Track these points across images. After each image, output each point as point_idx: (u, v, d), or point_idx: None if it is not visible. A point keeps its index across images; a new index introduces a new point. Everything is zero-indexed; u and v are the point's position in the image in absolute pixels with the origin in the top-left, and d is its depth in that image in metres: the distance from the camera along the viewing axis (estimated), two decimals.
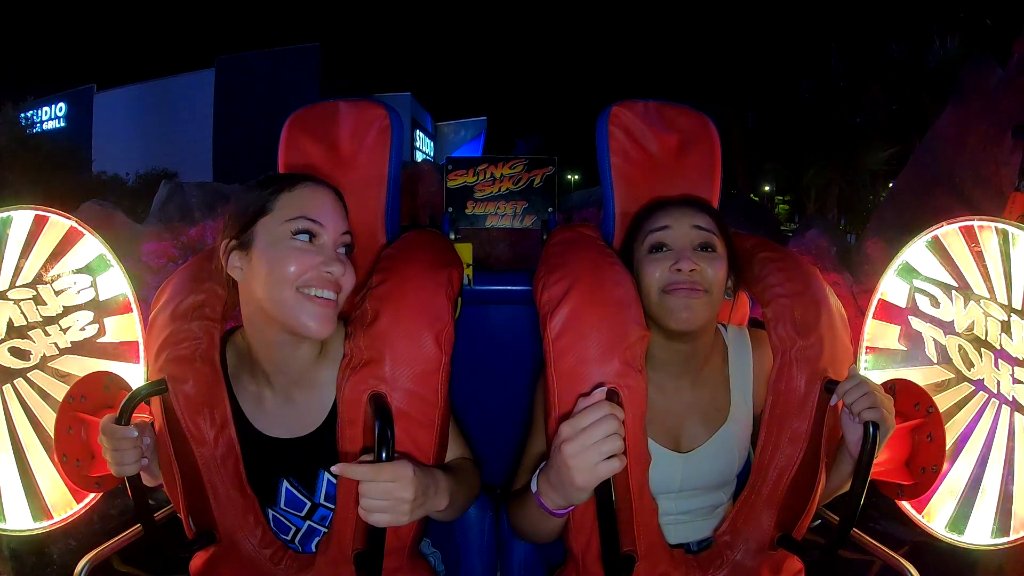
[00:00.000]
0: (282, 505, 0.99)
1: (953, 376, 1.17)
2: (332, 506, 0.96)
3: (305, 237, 0.89)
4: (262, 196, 0.91)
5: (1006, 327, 1.12)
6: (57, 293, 1.22)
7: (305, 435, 0.97)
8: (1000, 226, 1.14)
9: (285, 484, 0.98)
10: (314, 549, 1.00)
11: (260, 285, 0.89)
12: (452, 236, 1.50)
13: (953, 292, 1.18)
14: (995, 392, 1.13)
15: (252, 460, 0.97)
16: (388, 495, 0.79)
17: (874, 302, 1.27)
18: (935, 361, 1.19)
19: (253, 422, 0.97)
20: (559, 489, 0.84)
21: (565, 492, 0.83)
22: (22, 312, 1.20)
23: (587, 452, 0.79)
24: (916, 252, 1.23)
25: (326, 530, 0.98)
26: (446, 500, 0.89)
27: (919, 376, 1.18)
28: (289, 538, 1.01)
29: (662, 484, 1.00)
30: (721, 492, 1.07)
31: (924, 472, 1.06)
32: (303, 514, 1.00)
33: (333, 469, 0.81)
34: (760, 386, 1.06)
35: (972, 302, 1.15)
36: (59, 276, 1.23)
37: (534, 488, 0.88)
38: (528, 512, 0.93)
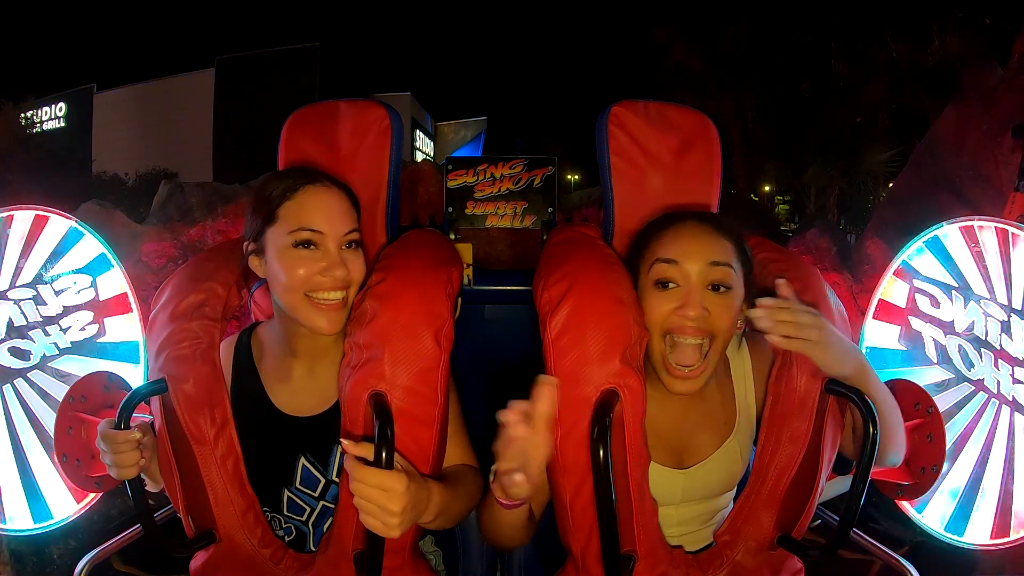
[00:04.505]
0: (298, 484, 1.00)
1: (953, 376, 1.17)
2: None
3: (308, 245, 0.94)
4: (271, 202, 0.96)
5: (1006, 327, 1.12)
6: (57, 293, 1.22)
7: (322, 412, 1.00)
8: (1000, 226, 1.14)
9: (302, 461, 1.00)
10: (325, 531, 1.01)
11: (275, 288, 0.97)
12: (452, 236, 1.50)
13: (953, 292, 1.18)
14: (995, 392, 1.14)
15: (272, 440, 1.00)
16: (375, 501, 0.79)
17: (874, 302, 1.28)
18: (935, 361, 1.19)
19: (276, 403, 1.01)
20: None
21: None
22: (22, 312, 1.21)
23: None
24: (916, 252, 1.23)
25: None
26: (434, 514, 0.89)
27: (919, 376, 1.19)
28: (304, 519, 1.02)
29: (661, 498, 1.00)
30: (723, 498, 1.06)
31: (924, 472, 1.06)
32: (317, 493, 1.01)
33: (343, 443, 0.82)
34: (759, 386, 1.06)
35: (972, 302, 1.16)
36: (59, 276, 1.23)
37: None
38: (488, 507, 0.95)
